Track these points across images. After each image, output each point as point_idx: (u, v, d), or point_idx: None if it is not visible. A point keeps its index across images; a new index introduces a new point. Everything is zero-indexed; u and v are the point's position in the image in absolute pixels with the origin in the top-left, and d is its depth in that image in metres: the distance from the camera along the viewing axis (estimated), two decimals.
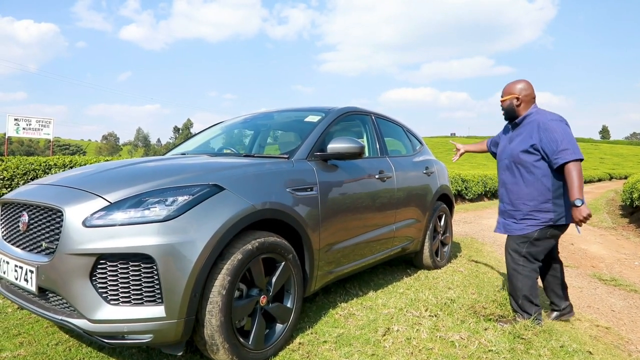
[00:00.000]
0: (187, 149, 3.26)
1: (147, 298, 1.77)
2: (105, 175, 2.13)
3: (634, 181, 10.35)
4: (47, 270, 1.84)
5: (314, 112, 3.05)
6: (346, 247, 2.75)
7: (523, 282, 2.56)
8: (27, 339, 2.29)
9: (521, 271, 2.57)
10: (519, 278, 2.58)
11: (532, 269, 2.57)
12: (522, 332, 2.50)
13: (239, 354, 1.97)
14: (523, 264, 2.57)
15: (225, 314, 1.89)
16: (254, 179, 2.21)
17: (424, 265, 3.99)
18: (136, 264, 1.77)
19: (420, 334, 2.42)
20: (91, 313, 1.75)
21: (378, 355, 2.20)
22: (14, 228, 2.13)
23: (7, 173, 5.36)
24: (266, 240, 2.11)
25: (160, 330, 1.77)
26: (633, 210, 10.26)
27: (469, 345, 2.31)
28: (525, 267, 2.57)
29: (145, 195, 1.88)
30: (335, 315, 2.71)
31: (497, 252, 5.76)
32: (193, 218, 1.85)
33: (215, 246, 1.86)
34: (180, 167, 2.26)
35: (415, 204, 3.60)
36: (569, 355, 2.36)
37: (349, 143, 2.59)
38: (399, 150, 3.95)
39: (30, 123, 11.01)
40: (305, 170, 2.49)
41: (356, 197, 2.84)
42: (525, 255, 2.56)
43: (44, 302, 1.93)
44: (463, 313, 2.72)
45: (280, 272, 2.22)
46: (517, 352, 2.29)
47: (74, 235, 1.79)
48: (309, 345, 2.28)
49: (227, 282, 1.90)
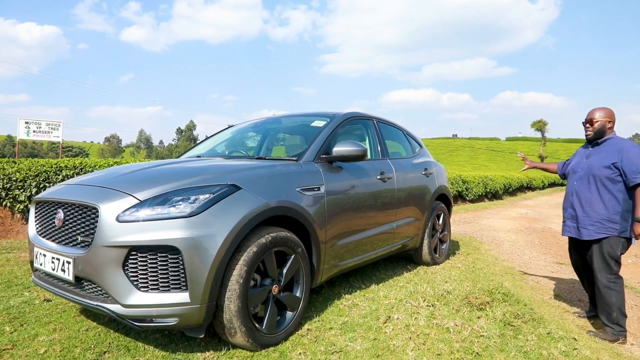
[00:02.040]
0: (201, 151, 3.48)
1: (173, 285, 1.99)
2: (133, 176, 2.35)
3: None
4: (84, 261, 2.06)
5: (320, 117, 3.27)
6: (350, 242, 2.97)
7: (617, 297, 2.81)
8: (58, 326, 2.52)
9: (614, 287, 2.82)
10: (612, 294, 2.82)
11: (621, 284, 2.83)
12: (512, 320, 2.72)
13: (254, 337, 2.19)
14: (615, 281, 2.82)
15: (242, 300, 2.11)
16: (267, 179, 2.43)
17: (423, 262, 4.20)
18: (164, 255, 1.99)
19: (418, 322, 2.64)
20: (124, 299, 1.97)
21: (379, 339, 2.42)
22: (49, 224, 2.36)
23: (19, 175, 5.59)
24: (278, 235, 2.33)
25: (185, 315, 1.99)
26: None
27: (463, 331, 2.52)
28: (617, 284, 2.82)
29: (170, 194, 2.10)
30: (340, 305, 2.93)
31: (494, 250, 5.97)
32: (214, 214, 2.07)
33: (234, 239, 2.08)
34: (200, 168, 2.48)
35: (414, 203, 3.81)
36: (555, 340, 2.57)
37: (353, 146, 2.81)
38: (400, 153, 4.16)
39: (40, 126, 11.28)
40: (312, 172, 2.71)
41: (359, 196, 3.05)
42: (616, 273, 2.83)
43: (80, 290, 2.15)
44: (458, 303, 2.94)
45: (291, 264, 2.43)
46: (506, 337, 2.50)
47: (108, 229, 2.01)
48: (317, 331, 2.50)
49: (244, 271, 2.12)
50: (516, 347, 2.38)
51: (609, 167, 2.77)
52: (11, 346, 2.24)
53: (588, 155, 2.96)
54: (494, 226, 8.76)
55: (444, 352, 2.29)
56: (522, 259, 5.60)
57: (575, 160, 3.09)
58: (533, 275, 4.59)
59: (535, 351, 2.38)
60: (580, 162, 3.01)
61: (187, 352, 2.23)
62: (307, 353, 2.25)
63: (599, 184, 2.81)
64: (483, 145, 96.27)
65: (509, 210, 12.56)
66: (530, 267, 5.10)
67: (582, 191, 2.90)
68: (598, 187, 2.81)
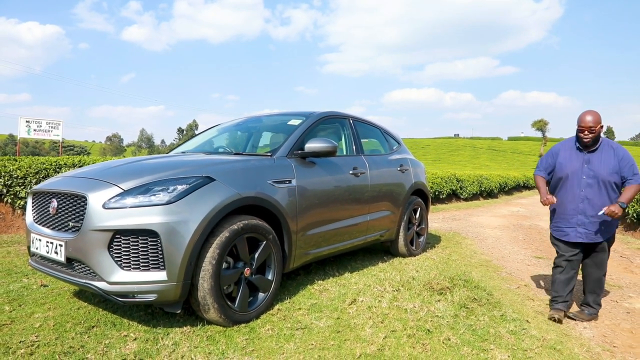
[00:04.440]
0: (187, 148, 3.75)
1: (152, 265, 2.25)
2: (119, 169, 2.61)
3: None
4: (74, 244, 2.32)
5: (296, 117, 3.53)
6: (322, 232, 3.22)
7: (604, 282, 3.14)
8: (53, 306, 2.78)
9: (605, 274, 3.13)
10: (603, 280, 3.12)
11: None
12: (468, 303, 2.96)
13: (226, 313, 2.44)
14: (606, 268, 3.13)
15: (215, 280, 2.36)
16: (241, 172, 2.68)
17: (399, 253, 4.45)
18: (144, 238, 2.25)
19: (380, 304, 2.88)
20: (109, 276, 2.23)
21: (342, 318, 2.67)
22: (44, 212, 2.62)
23: (20, 172, 5.86)
24: (250, 222, 2.58)
25: (163, 291, 2.25)
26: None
27: (420, 311, 2.76)
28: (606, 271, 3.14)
29: (151, 185, 2.36)
30: (311, 289, 3.18)
31: (475, 245, 6.19)
32: (189, 202, 2.33)
33: (207, 225, 2.34)
34: (180, 162, 2.74)
35: (388, 197, 4.05)
36: (506, 322, 2.80)
37: (323, 143, 3.06)
38: (377, 150, 4.41)
39: (41, 125, 11.61)
40: (284, 166, 2.96)
41: (330, 189, 3.30)
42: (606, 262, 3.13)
43: (70, 270, 2.41)
44: (420, 288, 3.18)
45: (262, 249, 2.68)
46: (459, 317, 2.74)
47: (95, 215, 2.26)
48: (286, 311, 2.75)
49: (216, 254, 2.37)
50: (466, 326, 2.62)
51: (615, 173, 2.95)
52: (10, 322, 2.50)
53: (588, 161, 3.00)
54: (483, 223, 8.97)
55: (398, 328, 2.53)
56: (502, 253, 5.80)
57: (573, 165, 3.04)
58: (507, 267, 4.81)
59: (484, 329, 2.62)
60: (582, 167, 3.00)
61: (166, 327, 2.48)
62: (274, 329, 2.50)
63: (609, 188, 2.97)
64: (485, 145, 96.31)
65: (501, 208, 12.77)
66: (508, 260, 5.31)
67: (595, 197, 2.96)
68: (608, 192, 2.97)
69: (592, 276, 3.15)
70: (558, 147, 3.23)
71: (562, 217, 3.11)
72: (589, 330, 3.03)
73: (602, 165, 2.96)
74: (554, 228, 3.21)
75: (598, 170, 2.96)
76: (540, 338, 2.63)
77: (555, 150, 3.23)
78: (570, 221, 3.06)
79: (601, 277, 3.15)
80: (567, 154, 3.11)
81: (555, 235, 3.18)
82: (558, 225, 3.15)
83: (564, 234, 3.10)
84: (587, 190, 3.00)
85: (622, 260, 5.64)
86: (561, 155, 3.14)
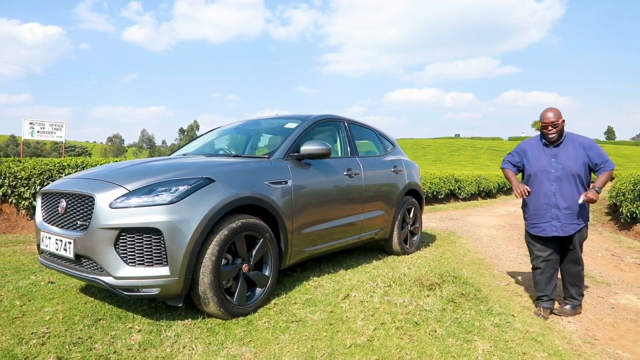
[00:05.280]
0: (188, 150, 3.90)
1: (156, 261, 2.40)
2: (125, 171, 2.77)
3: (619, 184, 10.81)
4: (82, 241, 2.47)
5: (293, 120, 3.68)
6: (317, 230, 3.36)
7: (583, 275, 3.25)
8: (61, 300, 2.93)
9: (583, 267, 3.25)
10: (582, 274, 3.23)
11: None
12: (456, 298, 3.10)
13: (225, 307, 2.59)
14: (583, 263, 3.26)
15: (215, 275, 2.51)
16: (239, 173, 2.83)
17: (393, 251, 4.59)
18: (148, 236, 2.40)
19: (372, 299, 3.03)
20: (115, 272, 2.38)
21: (335, 312, 2.82)
22: (53, 212, 2.77)
23: (24, 173, 6.00)
24: (247, 221, 2.73)
25: (165, 285, 2.40)
26: (616, 208, 10.77)
27: (409, 306, 2.91)
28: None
29: (155, 185, 2.51)
30: (307, 285, 3.33)
31: (470, 243, 6.33)
32: (190, 202, 2.48)
33: (207, 223, 2.49)
34: (182, 164, 2.89)
35: (382, 197, 4.20)
36: (492, 315, 2.95)
37: (318, 145, 3.21)
38: (372, 151, 4.55)
39: (44, 126, 11.81)
40: (281, 168, 3.11)
41: (325, 190, 3.45)
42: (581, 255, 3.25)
43: (79, 266, 2.56)
44: (411, 284, 3.33)
45: (259, 247, 2.83)
46: (446, 311, 2.89)
47: (103, 214, 2.41)
48: (282, 305, 2.90)
49: (216, 250, 2.52)
50: (452, 319, 2.77)
51: (583, 165, 3.07)
52: (22, 315, 2.65)
53: (555, 155, 3.12)
54: (479, 223, 9.10)
55: (388, 321, 2.68)
56: (496, 251, 5.92)
57: (541, 161, 3.14)
58: (499, 265, 4.95)
59: (469, 322, 2.76)
60: (550, 162, 3.11)
61: (169, 320, 2.63)
62: (271, 321, 2.65)
63: (577, 180, 3.09)
64: (485, 145, 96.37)
65: (498, 208, 12.90)
66: (501, 258, 5.44)
67: (565, 190, 3.07)
68: (577, 183, 3.09)
69: (570, 271, 3.26)
70: (524, 145, 3.34)
71: (536, 212, 3.21)
72: (573, 324, 3.17)
73: (569, 158, 3.08)
74: (529, 225, 3.29)
75: (566, 163, 3.08)
76: (523, 331, 2.77)
77: (521, 148, 3.33)
78: (545, 215, 3.16)
79: (579, 270, 3.25)
80: (535, 151, 3.22)
81: (532, 232, 3.26)
82: (533, 222, 3.24)
83: (540, 230, 3.19)
84: (557, 183, 3.11)
85: (613, 258, 5.77)
86: (529, 153, 3.25)
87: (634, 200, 8.10)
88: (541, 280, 3.26)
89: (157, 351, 2.25)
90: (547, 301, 3.26)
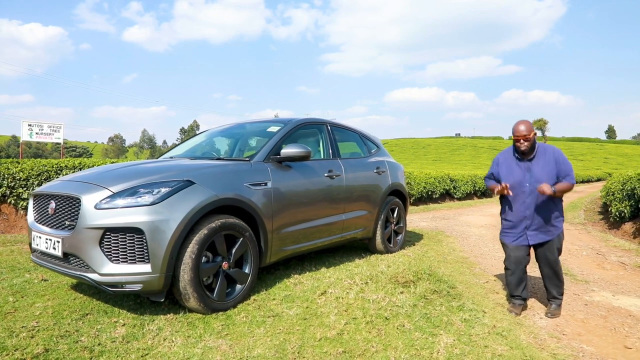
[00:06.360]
0: (175, 153, 4.06)
1: (138, 258, 2.55)
2: (111, 174, 2.92)
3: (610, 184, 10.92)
4: (69, 240, 2.63)
5: (276, 123, 3.83)
6: (297, 230, 3.51)
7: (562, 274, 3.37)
8: (52, 297, 3.08)
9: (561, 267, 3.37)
10: (560, 273, 3.35)
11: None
12: (428, 295, 3.25)
13: (205, 302, 2.74)
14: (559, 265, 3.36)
15: (195, 272, 2.67)
16: (219, 176, 2.98)
17: (377, 250, 4.74)
18: (131, 235, 2.55)
19: (348, 295, 3.18)
20: (100, 269, 2.53)
21: (311, 308, 2.96)
22: (43, 212, 2.93)
23: (23, 174, 6.16)
24: (227, 221, 2.88)
25: (147, 282, 2.55)
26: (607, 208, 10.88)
27: (381, 302, 3.05)
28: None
29: (138, 187, 2.66)
30: (287, 282, 3.48)
31: (456, 242, 6.45)
32: (171, 203, 2.63)
33: (187, 223, 2.64)
34: (166, 167, 3.04)
35: (364, 198, 4.35)
36: (462, 311, 3.08)
37: (298, 148, 3.35)
38: (356, 153, 4.70)
39: (43, 128, 12.01)
40: (261, 170, 3.26)
41: (305, 191, 3.60)
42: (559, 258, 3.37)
43: (67, 264, 2.72)
44: (386, 281, 3.47)
45: (239, 245, 2.98)
46: (417, 307, 3.03)
47: (88, 215, 2.57)
48: (261, 301, 3.06)
49: (196, 249, 2.67)
50: (421, 314, 2.91)
51: (555, 177, 3.17)
52: (13, 310, 2.81)
53: (529, 169, 3.21)
54: (470, 222, 9.21)
55: (359, 316, 2.82)
56: (482, 250, 6.03)
57: (516, 175, 3.24)
58: (482, 263, 5.07)
59: (438, 318, 2.90)
60: (525, 176, 3.20)
61: (152, 314, 2.78)
62: (249, 316, 2.80)
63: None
64: (486, 145, 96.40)
65: (492, 208, 13.00)
66: (486, 257, 5.54)
67: (540, 203, 3.17)
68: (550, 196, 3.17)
69: (548, 274, 3.37)
70: (499, 158, 3.43)
71: (511, 224, 3.32)
72: (544, 320, 3.29)
73: (542, 172, 3.18)
74: (503, 233, 3.39)
75: (539, 177, 3.17)
76: (490, 326, 2.90)
77: (498, 160, 3.43)
78: (519, 226, 3.28)
79: (557, 270, 3.36)
80: (508, 164, 3.32)
81: (505, 241, 3.37)
82: (507, 231, 3.35)
83: (512, 240, 3.31)
84: (532, 197, 3.21)
85: (598, 257, 5.88)
86: (503, 166, 3.35)
87: (622, 200, 8.21)
88: (512, 281, 3.38)
89: (139, 343, 2.40)
90: (519, 299, 3.37)
